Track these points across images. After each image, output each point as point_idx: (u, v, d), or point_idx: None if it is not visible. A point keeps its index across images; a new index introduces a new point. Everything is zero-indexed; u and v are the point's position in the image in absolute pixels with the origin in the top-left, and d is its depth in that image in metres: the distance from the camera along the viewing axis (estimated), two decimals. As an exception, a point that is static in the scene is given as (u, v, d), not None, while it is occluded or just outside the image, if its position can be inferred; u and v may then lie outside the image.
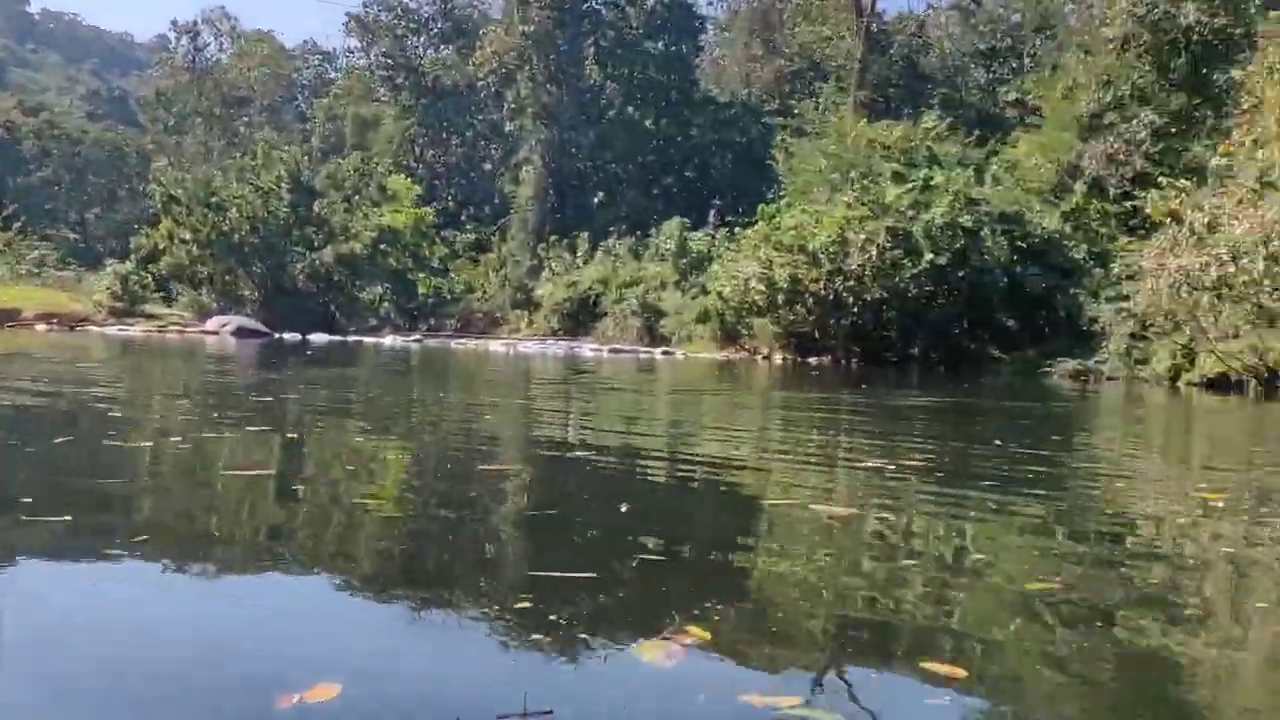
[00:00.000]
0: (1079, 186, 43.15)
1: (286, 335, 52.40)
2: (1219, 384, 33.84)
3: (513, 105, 78.91)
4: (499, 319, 72.06)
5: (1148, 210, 32.72)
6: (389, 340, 53.55)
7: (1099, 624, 4.33)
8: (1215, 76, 37.65)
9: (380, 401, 17.96)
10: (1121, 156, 40.06)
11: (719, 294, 42.56)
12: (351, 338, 55.07)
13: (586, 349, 50.51)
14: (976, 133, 48.41)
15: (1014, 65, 70.96)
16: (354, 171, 69.92)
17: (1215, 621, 4.61)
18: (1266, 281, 28.29)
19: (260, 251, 60.32)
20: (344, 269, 62.34)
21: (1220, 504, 8.08)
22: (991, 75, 74.38)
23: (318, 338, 51.85)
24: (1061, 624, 4.35)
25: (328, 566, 5.35)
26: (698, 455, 11.44)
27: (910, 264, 38.55)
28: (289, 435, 11.62)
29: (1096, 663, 3.86)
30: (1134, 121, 40.14)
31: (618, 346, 50.59)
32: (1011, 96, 58.40)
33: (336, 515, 6.78)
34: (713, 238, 58.34)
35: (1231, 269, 28.26)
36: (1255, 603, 5.06)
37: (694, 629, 3.96)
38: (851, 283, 39.04)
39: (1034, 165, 46.92)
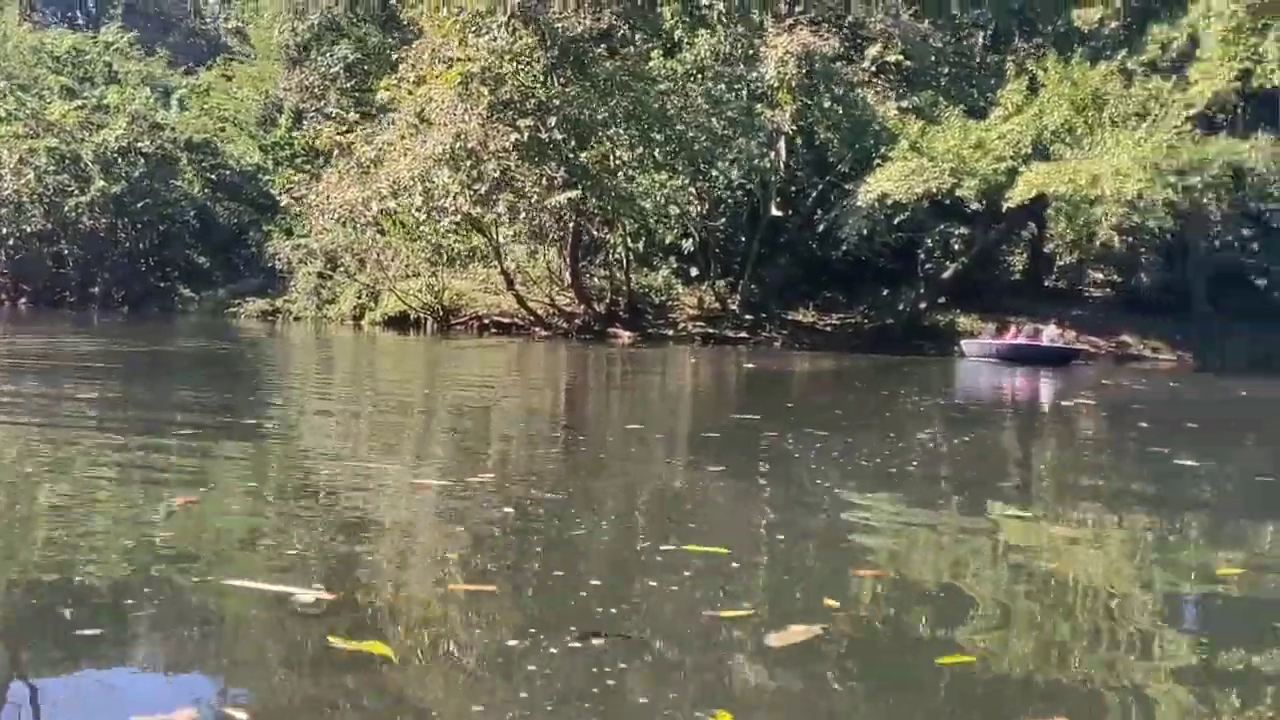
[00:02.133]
0: (283, 120, 41.23)
1: None
2: (400, 322, 33.96)
3: None
4: None
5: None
6: None
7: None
8: (402, 13, 37.43)
9: None
10: (317, 90, 38.69)
11: None
12: None
13: None
14: (160, 52, 44.42)
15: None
16: None
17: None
18: (425, 217, 28.22)
19: None
20: None
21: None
22: (228, 4, 70.39)
23: None
24: None
25: None
26: None
27: (79, 191, 33.90)
28: None
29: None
30: (330, 55, 38.92)
31: None
32: (232, 24, 55.04)
33: None
34: None
35: (393, 204, 27.75)
36: None
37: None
38: (6, 210, 33.44)
39: (240, 96, 44.30)
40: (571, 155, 27.66)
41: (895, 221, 28.39)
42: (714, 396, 16.02)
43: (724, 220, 34.33)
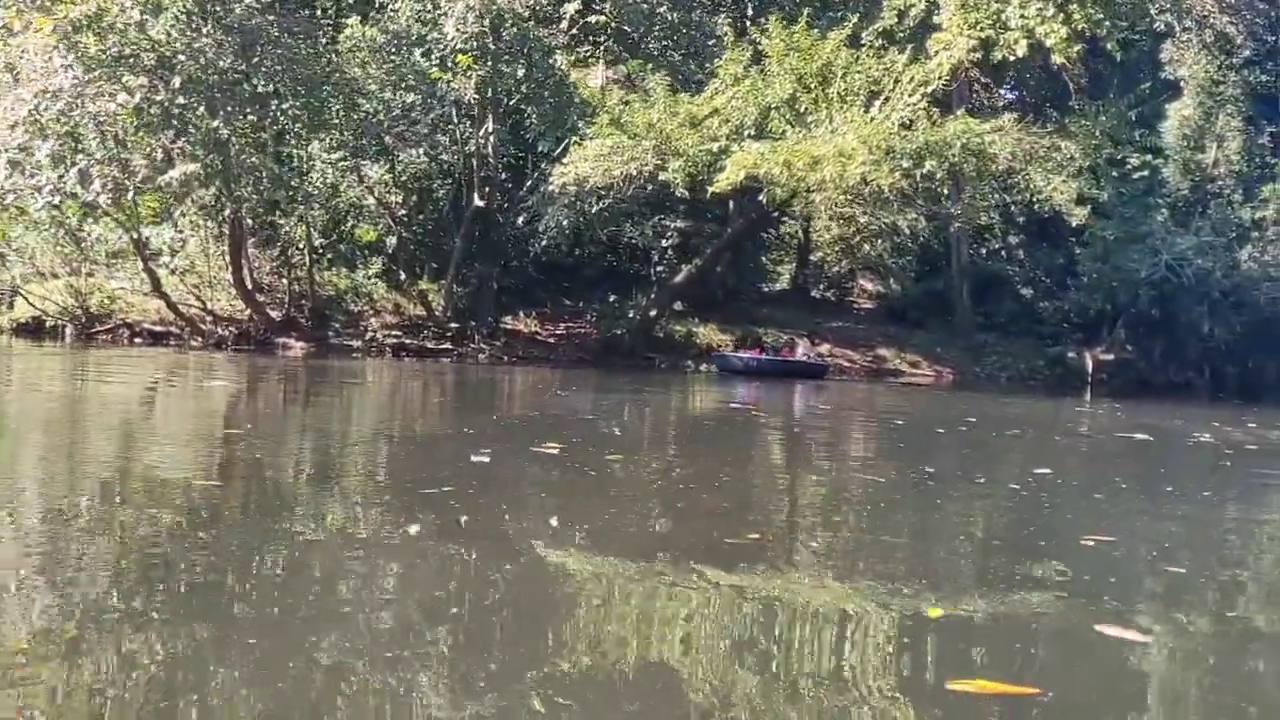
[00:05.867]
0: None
1: None
2: (34, 330, 28.35)
3: None
4: None
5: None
6: None
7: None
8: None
9: None
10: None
11: None
12: None
13: None
14: None
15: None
16: None
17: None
18: (12, 199, 22.73)
19: None
20: None
21: None
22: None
23: None
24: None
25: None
26: None
27: None
28: None
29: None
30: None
31: None
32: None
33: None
34: None
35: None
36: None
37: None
38: None
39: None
40: (200, 125, 22.52)
41: (596, 211, 24.07)
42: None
43: (434, 214, 29.64)
